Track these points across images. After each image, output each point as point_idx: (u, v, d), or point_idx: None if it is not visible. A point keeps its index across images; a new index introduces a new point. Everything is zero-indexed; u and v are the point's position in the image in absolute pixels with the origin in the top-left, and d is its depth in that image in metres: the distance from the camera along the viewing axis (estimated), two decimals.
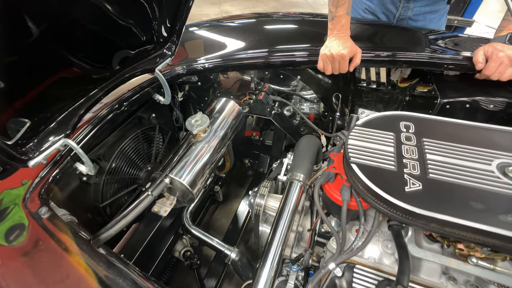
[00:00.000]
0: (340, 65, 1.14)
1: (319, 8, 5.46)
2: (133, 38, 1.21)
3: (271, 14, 1.85)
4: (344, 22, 1.13)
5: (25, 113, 0.85)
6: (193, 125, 0.95)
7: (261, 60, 1.38)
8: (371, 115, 0.82)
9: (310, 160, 0.84)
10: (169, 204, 1.03)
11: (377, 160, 0.68)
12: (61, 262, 0.66)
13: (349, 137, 0.75)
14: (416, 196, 0.59)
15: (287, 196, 0.80)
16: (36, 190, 0.85)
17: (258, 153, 1.77)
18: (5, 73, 0.76)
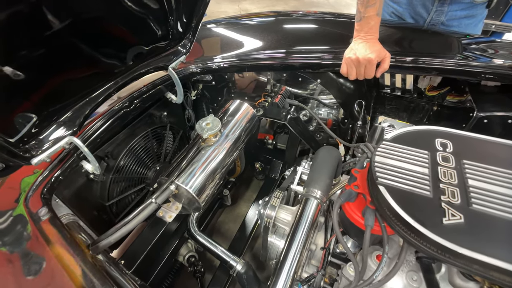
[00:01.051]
0: (366, 70, 1.05)
1: (341, 9, 5.31)
2: (148, 34, 1.16)
3: (290, 13, 1.77)
4: (373, 23, 1.03)
5: (32, 108, 0.82)
6: (203, 129, 0.89)
7: (278, 61, 1.30)
8: (401, 129, 0.73)
9: (329, 175, 0.76)
10: (174, 209, 0.98)
11: (408, 183, 0.59)
12: (51, 271, 0.61)
13: (376, 153, 0.67)
14: (457, 231, 0.50)
15: (301, 214, 0.73)
16: (39, 188, 0.81)
17: (271, 157, 1.70)
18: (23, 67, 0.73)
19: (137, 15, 1.07)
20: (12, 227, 0.73)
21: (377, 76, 1.09)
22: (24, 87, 0.81)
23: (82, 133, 0.99)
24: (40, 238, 0.67)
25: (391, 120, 1.43)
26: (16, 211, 0.72)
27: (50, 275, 0.61)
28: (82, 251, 0.68)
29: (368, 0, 0.99)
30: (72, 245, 0.66)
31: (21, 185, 0.84)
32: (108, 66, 1.06)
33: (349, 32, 1.26)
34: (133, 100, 1.15)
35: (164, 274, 1.27)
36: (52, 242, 0.66)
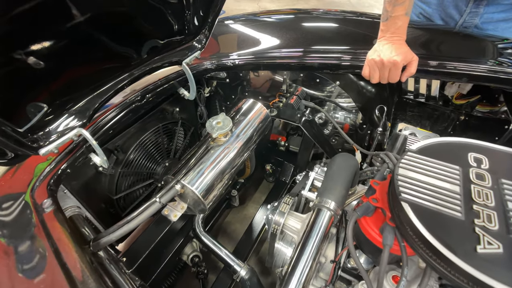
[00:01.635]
0: (391, 74, 0.98)
1: (362, 9, 5.15)
2: (164, 27, 1.14)
3: (310, 11, 1.70)
4: (401, 24, 0.96)
5: (44, 97, 0.81)
6: (213, 127, 0.86)
7: (295, 61, 1.25)
8: (428, 139, 0.66)
9: (345, 185, 0.71)
10: (180, 208, 0.94)
11: (436, 201, 0.53)
12: (47, 266, 0.59)
13: (399, 165, 0.61)
14: (493, 262, 0.44)
15: (313, 225, 0.67)
16: (46, 179, 0.80)
17: (282, 160, 1.64)
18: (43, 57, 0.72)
19: (155, 8, 1.05)
20: (18, 215, 0.72)
21: (402, 81, 1.02)
22: (40, 77, 0.80)
23: (92, 125, 0.98)
24: (41, 231, 0.65)
25: (412, 128, 1.34)
26: (27, 196, 0.71)
27: (45, 270, 0.59)
28: (81, 247, 0.66)
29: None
30: (72, 241, 0.64)
31: (35, 170, 0.84)
32: (123, 59, 1.05)
33: (372, 33, 1.19)
34: (146, 94, 1.14)
35: (167, 272, 1.25)
36: (52, 236, 0.64)
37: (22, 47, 0.72)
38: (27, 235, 0.65)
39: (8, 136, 0.62)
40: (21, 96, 0.75)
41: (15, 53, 0.71)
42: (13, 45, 0.70)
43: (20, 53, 0.72)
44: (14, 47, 0.70)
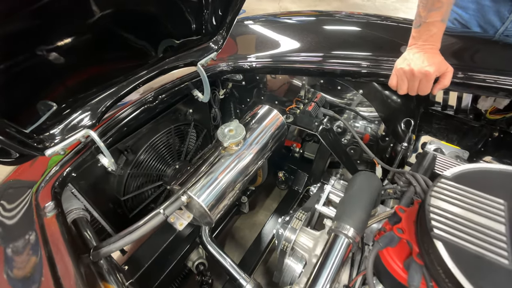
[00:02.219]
0: (421, 85, 0.89)
1: (387, 12, 4.96)
2: (182, 26, 1.11)
3: (333, 13, 1.62)
4: (436, 31, 0.87)
5: (54, 96, 0.79)
6: (225, 135, 0.81)
7: (315, 66, 1.18)
8: (466, 165, 0.58)
9: (366, 210, 0.63)
10: (186, 217, 0.90)
11: (476, 242, 0.45)
12: (38, 274, 0.56)
13: (431, 194, 0.53)
14: None
15: (328, 253, 0.61)
16: (51, 181, 0.78)
17: (296, 168, 1.57)
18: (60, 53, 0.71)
19: (174, 5, 1.02)
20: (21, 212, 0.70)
21: (434, 93, 0.93)
22: (51, 75, 0.78)
23: (103, 124, 0.96)
24: (38, 237, 0.62)
25: (437, 142, 1.24)
26: (19, 214, 0.69)
27: (34, 278, 0.56)
28: (79, 257, 0.63)
29: (433, 2, 0.82)
30: (69, 250, 0.61)
31: (49, 162, 0.82)
32: (137, 58, 1.03)
33: (398, 39, 1.10)
34: (159, 94, 1.10)
35: (171, 279, 1.21)
36: (50, 243, 0.62)
37: (41, 43, 0.70)
38: (23, 238, 0.63)
39: (12, 138, 0.60)
40: (30, 94, 0.74)
41: (36, 49, 0.69)
42: (32, 41, 0.69)
43: (41, 48, 0.71)
44: (34, 43, 0.69)
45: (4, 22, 0.61)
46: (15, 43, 0.66)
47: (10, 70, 0.63)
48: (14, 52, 0.66)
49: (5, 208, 0.74)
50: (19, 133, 0.63)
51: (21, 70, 0.69)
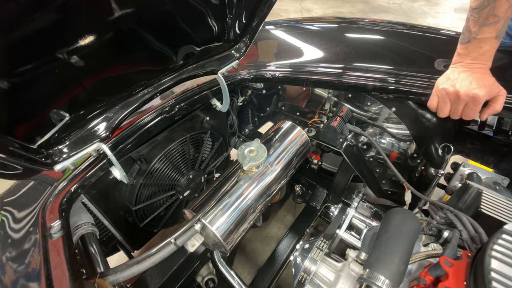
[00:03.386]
0: (467, 109, 0.79)
1: (414, 16, 4.73)
2: (203, 32, 1.05)
3: (356, 20, 1.51)
4: (488, 48, 0.76)
5: (67, 105, 0.74)
6: (245, 157, 0.74)
7: (339, 79, 1.08)
8: None
9: (404, 258, 0.54)
10: (198, 238, 0.85)
11: None
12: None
13: (492, 254, 0.44)
14: None
15: None
16: (59, 196, 0.74)
17: (314, 183, 1.49)
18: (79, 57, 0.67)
19: (197, 9, 0.96)
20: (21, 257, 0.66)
21: (482, 119, 0.82)
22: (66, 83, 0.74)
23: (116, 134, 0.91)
24: (41, 261, 0.58)
25: (472, 165, 1.12)
26: (22, 233, 0.65)
27: None
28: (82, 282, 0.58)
29: (487, 16, 0.72)
30: (70, 277, 0.56)
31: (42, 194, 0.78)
32: (156, 65, 0.97)
33: (428, 50, 1.00)
34: (176, 104, 1.05)
35: None
36: (52, 269, 0.57)
37: (57, 47, 0.66)
38: (24, 262, 0.58)
39: (16, 155, 0.55)
40: (42, 103, 0.69)
41: (51, 53, 0.65)
42: (47, 45, 0.64)
43: (56, 52, 0.66)
44: (49, 47, 0.65)
45: (18, 27, 0.57)
46: (25, 47, 0.61)
47: (17, 78, 0.59)
48: (25, 58, 0.62)
49: (10, 220, 0.71)
50: (25, 149, 0.58)
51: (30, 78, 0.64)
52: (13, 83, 0.58)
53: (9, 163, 0.56)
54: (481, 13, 0.72)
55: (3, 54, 0.56)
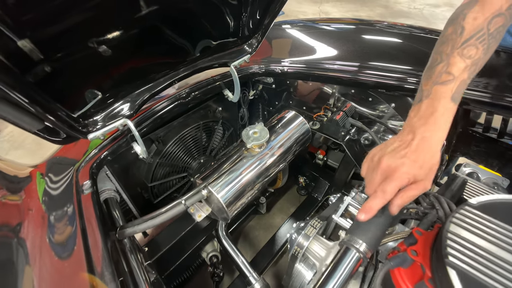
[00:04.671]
0: (384, 184, 0.58)
1: (435, 22, 4.67)
2: (221, 28, 1.15)
3: (373, 23, 1.57)
4: (443, 112, 0.58)
5: (99, 86, 0.87)
6: (249, 137, 0.84)
7: (348, 76, 1.17)
8: (497, 195, 0.55)
9: (382, 227, 0.62)
10: (205, 210, 0.95)
11: (495, 277, 0.43)
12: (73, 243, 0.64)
13: (452, 220, 0.51)
14: None
15: (337, 265, 0.61)
16: (90, 162, 0.87)
17: (317, 175, 1.56)
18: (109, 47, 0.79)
19: (217, 7, 1.07)
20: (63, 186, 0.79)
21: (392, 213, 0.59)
22: (100, 67, 0.87)
23: (140, 115, 1.04)
24: (75, 210, 0.70)
25: (474, 166, 1.16)
26: (62, 188, 0.78)
27: (68, 246, 0.63)
28: (107, 232, 0.70)
29: (440, 75, 0.60)
30: (100, 225, 0.68)
31: (89, 145, 0.92)
32: (176, 56, 1.09)
33: None
34: (192, 92, 1.17)
35: (185, 266, 1.28)
36: (84, 217, 0.69)
37: (92, 37, 0.78)
38: (63, 210, 0.71)
39: (62, 121, 0.68)
40: (80, 83, 0.82)
41: (89, 43, 0.78)
42: (83, 35, 0.77)
43: (94, 42, 0.79)
44: (84, 37, 0.77)
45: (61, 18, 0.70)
46: (68, 37, 0.74)
47: (63, 60, 0.71)
48: (67, 44, 0.74)
49: (52, 180, 0.84)
50: (68, 117, 0.71)
51: (73, 61, 0.77)
52: (63, 63, 0.71)
53: (56, 127, 0.69)
54: (433, 70, 0.61)
55: (53, 41, 0.69)
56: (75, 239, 0.63)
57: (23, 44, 0.64)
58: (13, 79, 0.54)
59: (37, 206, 0.74)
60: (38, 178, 0.85)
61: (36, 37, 0.64)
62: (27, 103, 0.56)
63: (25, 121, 0.62)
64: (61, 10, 0.67)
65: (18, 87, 0.54)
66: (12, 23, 0.58)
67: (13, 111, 0.57)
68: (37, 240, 0.66)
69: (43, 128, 0.69)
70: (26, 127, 0.63)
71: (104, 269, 0.60)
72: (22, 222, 0.70)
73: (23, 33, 0.62)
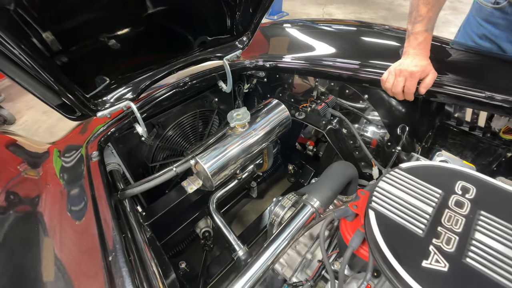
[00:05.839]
0: (407, 83, 0.99)
1: (439, 26, 4.72)
2: (218, 26, 1.30)
3: (360, 25, 1.68)
4: (422, 39, 0.97)
5: (107, 73, 1.02)
6: (233, 118, 0.97)
7: (331, 70, 1.29)
8: (423, 161, 0.67)
9: (333, 189, 0.75)
10: (196, 183, 1.09)
11: (403, 216, 0.56)
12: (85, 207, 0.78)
13: (383, 179, 0.64)
14: (435, 278, 0.46)
15: (294, 217, 0.74)
16: (98, 137, 1.02)
17: (305, 163, 1.69)
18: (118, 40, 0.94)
19: (213, 7, 1.21)
20: (74, 163, 0.95)
21: (421, 93, 1.00)
22: (109, 57, 1.02)
23: (142, 100, 1.18)
24: (86, 178, 0.85)
25: (448, 156, 1.27)
26: (83, 149, 0.93)
27: (82, 211, 0.77)
28: (111, 195, 0.85)
29: (415, 17, 0.95)
30: (105, 189, 0.83)
31: (93, 130, 1.07)
32: (176, 49, 1.23)
33: None
34: (190, 81, 1.31)
35: (180, 238, 1.42)
36: (94, 180, 0.84)
37: (105, 31, 0.93)
38: (77, 182, 0.86)
39: (79, 99, 0.83)
40: (92, 70, 0.98)
41: (100, 36, 0.93)
42: (95, 29, 0.92)
43: (104, 36, 0.94)
44: (97, 31, 0.92)
45: (76, 16, 0.85)
46: (83, 32, 0.89)
47: (78, 51, 0.87)
48: (81, 38, 0.90)
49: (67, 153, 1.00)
50: (83, 97, 0.86)
51: (86, 52, 0.93)
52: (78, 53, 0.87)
53: (73, 104, 0.84)
54: (411, 16, 0.97)
55: (70, 35, 0.85)
56: (86, 201, 0.77)
57: (47, 36, 0.80)
58: (44, 60, 0.69)
59: (55, 178, 0.88)
60: (55, 154, 1.01)
61: (57, 31, 0.79)
62: (52, 81, 0.71)
63: (48, 96, 0.78)
64: (76, 9, 0.82)
65: (47, 67, 0.69)
66: (38, 16, 0.73)
67: (39, 87, 0.72)
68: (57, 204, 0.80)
69: (62, 106, 0.85)
70: (48, 102, 0.78)
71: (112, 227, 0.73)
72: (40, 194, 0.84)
73: (47, 26, 0.77)
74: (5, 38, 0.61)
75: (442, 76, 1.06)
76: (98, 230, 0.68)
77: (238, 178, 1.34)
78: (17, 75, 0.70)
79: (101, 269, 0.58)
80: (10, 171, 0.98)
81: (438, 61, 1.10)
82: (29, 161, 1.04)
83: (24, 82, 0.72)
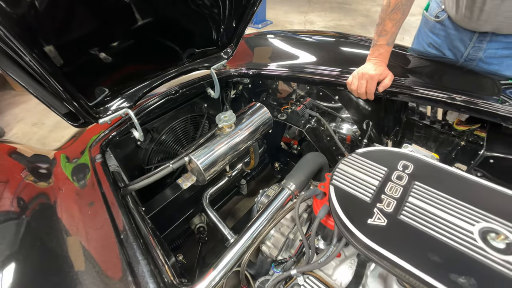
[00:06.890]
0: (368, 84, 1.16)
1: (410, 30, 5.03)
2: (205, 38, 1.44)
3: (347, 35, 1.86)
4: (383, 51, 1.15)
5: (106, 84, 1.15)
6: (220, 120, 1.12)
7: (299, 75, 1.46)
8: (374, 147, 0.83)
9: (307, 175, 0.90)
10: (190, 180, 1.22)
11: (356, 189, 0.71)
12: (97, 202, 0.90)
13: (342, 162, 0.79)
14: (376, 231, 0.61)
15: (274, 199, 0.89)
16: (100, 141, 1.14)
17: (289, 160, 1.85)
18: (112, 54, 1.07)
19: (199, 22, 1.36)
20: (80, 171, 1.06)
21: (379, 91, 1.17)
22: (107, 69, 1.15)
23: (138, 107, 1.31)
24: (94, 178, 0.97)
25: (413, 147, 1.45)
26: (81, 160, 1.05)
27: (95, 203, 0.89)
28: (116, 191, 0.97)
29: (381, 31, 1.11)
30: (112, 185, 0.95)
31: (89, 141, 1.18)
32: (166, 61, 1.37)
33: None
34: (181, 89, 1.44)
35: (177, 234, 1.54)
36: (100, 178, 0.96)
37: (95, 46, 1.05)
38: (87, 181, 0.97)
39: (83, 107, 0.95)
40: (93, 81, 1.10)
41: (91, 50, 1.04)
42: (89, 44, 1.04)
43: (94, 50, 1.06)
44: (90, 46, 1.04)
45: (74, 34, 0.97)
46: (81, 47, 1.00)
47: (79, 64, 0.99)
48: (81, 53, 1.01)
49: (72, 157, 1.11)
50: (87, 105, 0.99)
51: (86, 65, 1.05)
52: (79, 66, 0.99)
53: (77, 112, 0.96)
54: (378, 28, 1.13)
55: (70, 49, 0.97)
56: (98, 196, 0.89)
57: (49, 50, 0.92)
58: (52, 68, 0.81)
59: (68, 182, 0.99)
60: (63, 160, 1.12)
61: (58, 46, 0.91)
62: (61, 90, 0.84)
63: (56, 104, 0.90)
64: (74, 27, 0.94)
65: (56, 75, 0.81)
66: (42, 31, 0.85)
67: (49, 96, 0.85)
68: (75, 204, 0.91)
69: (68, 114, 0.97)
70: (56, 110, 0.90)
71: (120, 214, 0.85)
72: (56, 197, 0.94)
73: (49, 40, 0.88)
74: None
75: (401, 79, 1.24)
76: (109, 215, 0.80)
77: (228, 175, 1.47)
78: (30, 85, 0.82)
79: (115, 244, 0.70)
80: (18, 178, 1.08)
81: (398, 66, 1.28)
82: (38, 168, 1.14)
83: (35, 91, 0.84)
